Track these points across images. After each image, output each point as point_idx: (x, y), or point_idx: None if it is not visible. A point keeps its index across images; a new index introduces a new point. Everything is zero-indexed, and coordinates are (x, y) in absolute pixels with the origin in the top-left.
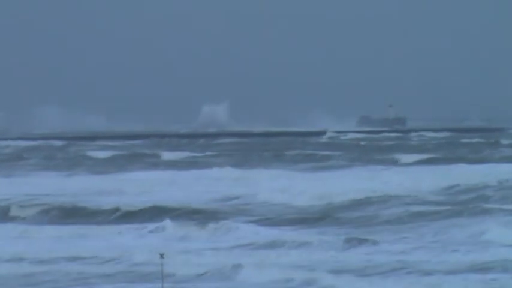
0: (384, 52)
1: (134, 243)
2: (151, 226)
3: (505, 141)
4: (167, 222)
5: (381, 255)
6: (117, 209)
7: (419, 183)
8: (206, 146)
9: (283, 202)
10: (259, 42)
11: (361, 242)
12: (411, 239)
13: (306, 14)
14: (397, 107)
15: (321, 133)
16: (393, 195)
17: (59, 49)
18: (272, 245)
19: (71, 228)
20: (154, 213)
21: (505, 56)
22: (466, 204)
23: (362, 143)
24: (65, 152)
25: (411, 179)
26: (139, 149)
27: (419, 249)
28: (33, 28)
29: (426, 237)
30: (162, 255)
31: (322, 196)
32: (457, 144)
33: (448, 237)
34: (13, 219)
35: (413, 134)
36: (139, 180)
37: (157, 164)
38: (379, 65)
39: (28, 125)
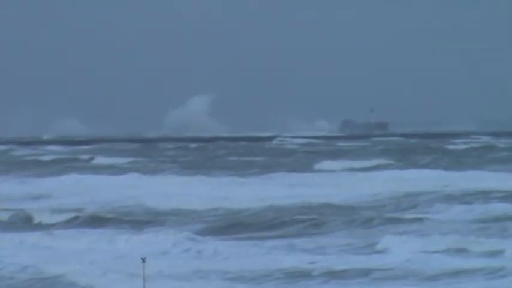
0: (368, 56)
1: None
2: None
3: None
4: None
5: None
6: None
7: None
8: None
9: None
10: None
11: None
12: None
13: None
14: (380, 112)
15: (271, 138)
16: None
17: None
18: None
19: None
20: None
21: (492, 59)
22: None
23: (300, 149)
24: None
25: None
26: (78, 154)
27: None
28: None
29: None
30: (144, 260)
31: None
32: (415, 149)
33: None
34: None
35: (376, 139)
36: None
37: (80, 168)
38: (363, 69)
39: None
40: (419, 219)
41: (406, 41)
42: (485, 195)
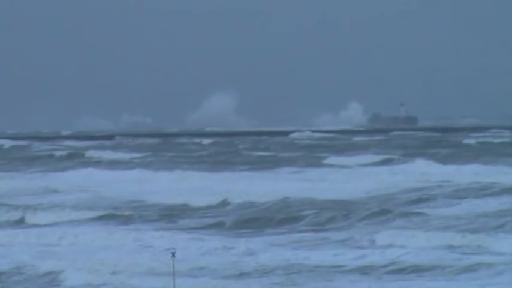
0: (396, 51)
1: None
2: None
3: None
4: None
5: None
6: None
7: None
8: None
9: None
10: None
11: None
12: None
13: (315, 12)
14: (409, 105)
15: (288, 133)
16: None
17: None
18: None
19: None
20: None
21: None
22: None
23: (313, 142)
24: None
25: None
26: (82, 150)
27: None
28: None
29: None
30: (173, 254)
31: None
32: (431, 143)
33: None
34: None
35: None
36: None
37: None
38: (392, 63)
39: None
40: (420, 214)
41: (437, 35)
42: (485, 190)
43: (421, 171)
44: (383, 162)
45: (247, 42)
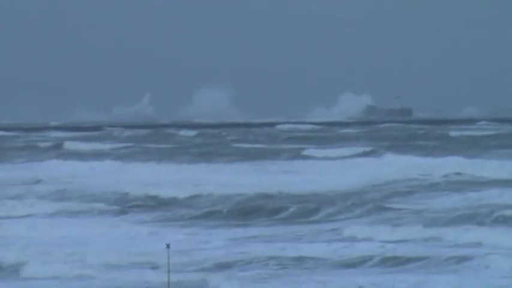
0: (392, 43)
1: None
2: None
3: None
4: None
5: None
6: None
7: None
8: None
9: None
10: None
11: None
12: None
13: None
14: (406, 98)
15: (278, 124)
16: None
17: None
18: None
19: None
20: None
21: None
22: None
23: (299, 134)
24: None
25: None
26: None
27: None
28: None
29: None
30: (168, 246)
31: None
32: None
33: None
34: None
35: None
36: None
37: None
38: (390, 55)
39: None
40: (392, 209)
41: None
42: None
43: (402, 164)
44: (364, 154)
45: (243, 35)
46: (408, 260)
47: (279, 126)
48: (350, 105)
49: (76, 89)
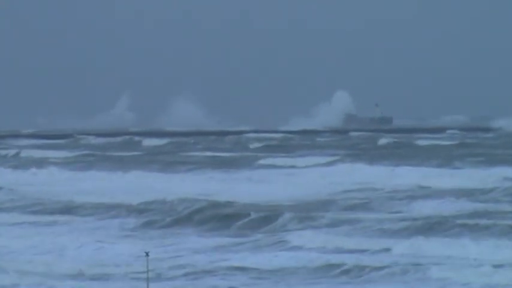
0: (372, 51)
1: None
2: None
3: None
4: None
5: None
6: None
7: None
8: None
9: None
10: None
11: None
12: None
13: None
14: (386, 106)
15: (244, 132)
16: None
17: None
18: None
19: None
20: None
21: (494, 55)
22: None
23: (257, 145)
24: None
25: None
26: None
27: None
28: None
29: None
30: (147, 254)
31: None
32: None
33: None
34: None
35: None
36: None
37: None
38: (370, 63)
39: None
40: (344, 220)
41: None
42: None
43: (364, 174)
44: (328, 164)
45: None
46: (350, 270)
47: (250, 135)
48: (330, 114)
49: (54, 97)
